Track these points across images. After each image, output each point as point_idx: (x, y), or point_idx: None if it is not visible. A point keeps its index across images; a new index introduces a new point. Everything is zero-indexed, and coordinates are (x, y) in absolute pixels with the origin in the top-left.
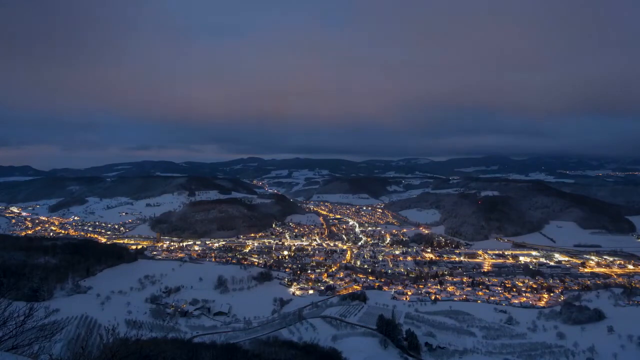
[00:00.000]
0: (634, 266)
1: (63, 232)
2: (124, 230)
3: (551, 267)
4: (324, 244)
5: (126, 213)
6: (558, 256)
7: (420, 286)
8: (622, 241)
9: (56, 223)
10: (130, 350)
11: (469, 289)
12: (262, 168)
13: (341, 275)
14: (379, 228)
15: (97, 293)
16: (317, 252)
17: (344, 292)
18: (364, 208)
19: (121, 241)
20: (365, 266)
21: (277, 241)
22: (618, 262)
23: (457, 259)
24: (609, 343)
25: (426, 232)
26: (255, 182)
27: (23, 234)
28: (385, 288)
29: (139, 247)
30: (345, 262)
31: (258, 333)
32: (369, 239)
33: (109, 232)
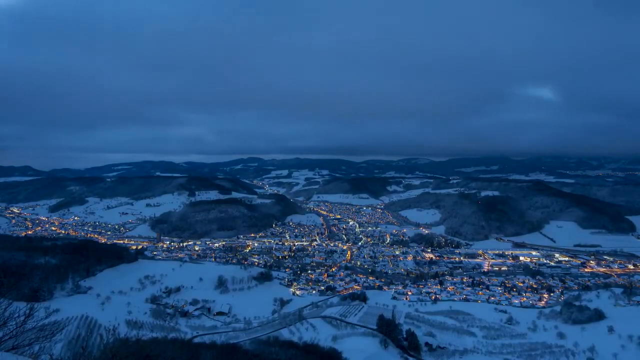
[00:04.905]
0: (634, 266)
1: (63, 232)
2: (124, 231)
3: (551, 267)
4: (324, 244)
5: (126, 213)
6: (558, 256)
7: (421, 286)
8: (622, 241)
9: (56, 223)
10: (131, 351)
11: (469, 289)
12: (262, 168)
13: (341, 276)
14: (379, 228)
15: (97, 293)
16: (317, 252)
17: (344, 292)
18: (364, 208)
19: (121, 241)
20: (366, 266)
21: (277, 241)
22: (618, 262)
23: (457, 259)
24: (609, 343)
25: (426, 232)
26: (255, 182)
27: (23, 234)
28: (386, 288)
29: (139, 247)
30: (345, 262)
31: (258, 333)
32: (369, 239)
33: (109, 233)
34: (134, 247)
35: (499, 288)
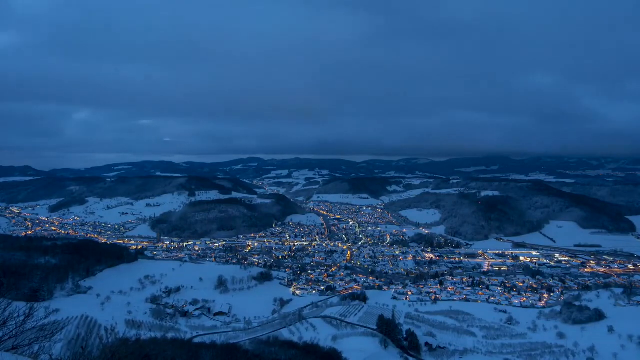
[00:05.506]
0: (634, 266)
1: (63, 232)
2: (124, 231)
3: (551, 267)
4: (324, 244)
5: (126, 213)
6: (558, 256)
7: (421, 286)
8: (622, 241)
9: (56, 223)
10: (130, 350)
11: (469, 288)
12: (262, 168)
13: (341, 276)
14: (379, 228)
15: (97, 293)
16: (317, 252)
17: (344, 292)
18: (364, 208)
19: (121, 241)
20: (366, 266)
21: (277, 241)
22: (618, 262)
23: (457, 259)
24: (609, 343)
25: (426, 232)
26: (255, 182)
27: (23, 234)
28: (386, 288)
29: (139, 247)
30: (345, 262)
31: (258, 333)
32: (369, 239)
33: (109, 232)
34: (134, 247)
35: (499, 288)
